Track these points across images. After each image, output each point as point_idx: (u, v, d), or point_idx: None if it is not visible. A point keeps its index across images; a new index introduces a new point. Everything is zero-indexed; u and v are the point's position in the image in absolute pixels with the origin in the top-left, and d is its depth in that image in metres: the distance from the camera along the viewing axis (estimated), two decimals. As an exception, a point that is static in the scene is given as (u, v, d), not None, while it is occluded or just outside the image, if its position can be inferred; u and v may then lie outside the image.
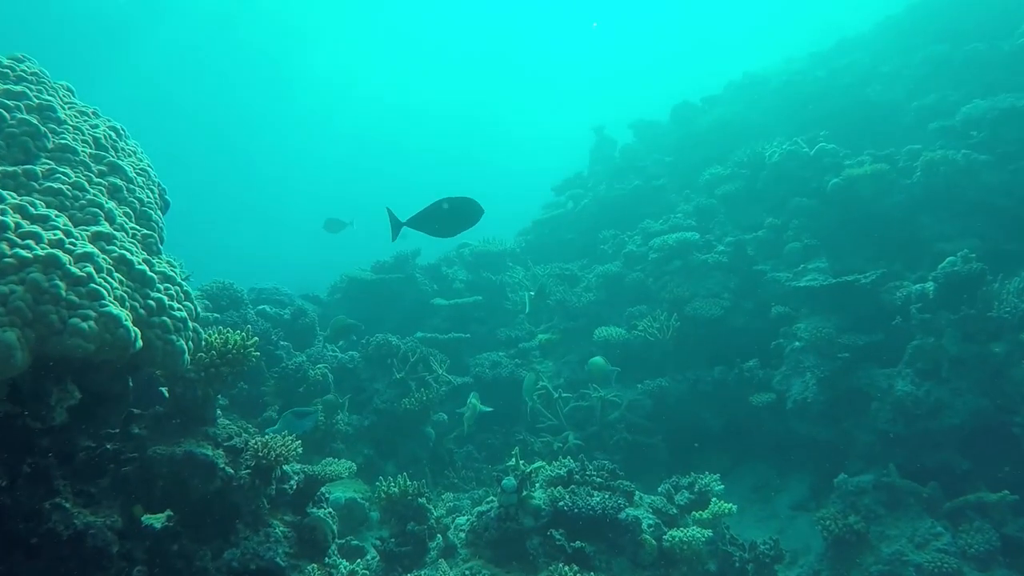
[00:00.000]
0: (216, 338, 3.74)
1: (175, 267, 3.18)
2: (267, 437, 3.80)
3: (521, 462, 5.45)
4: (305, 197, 45.45)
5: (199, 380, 3.64)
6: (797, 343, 7.08)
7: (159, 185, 3.66)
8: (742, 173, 9.50)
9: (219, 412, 3.99)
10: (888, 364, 6.47)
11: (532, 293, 8.68)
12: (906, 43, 11.34)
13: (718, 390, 7.60)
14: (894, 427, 6.17)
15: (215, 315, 6.17)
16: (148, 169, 3.61)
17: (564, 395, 7.71)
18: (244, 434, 3.91)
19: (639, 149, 13.10)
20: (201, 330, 3.19)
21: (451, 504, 6.08)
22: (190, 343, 2.99)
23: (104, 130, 3.51)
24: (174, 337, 2.82)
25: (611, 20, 30.15)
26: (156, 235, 3.25)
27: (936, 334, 6.11)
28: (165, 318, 2.82)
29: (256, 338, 3.90)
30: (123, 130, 3.72)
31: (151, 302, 2.78)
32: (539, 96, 39.11)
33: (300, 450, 3.87)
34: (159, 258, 3.16)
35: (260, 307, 7.39)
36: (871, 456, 6.38)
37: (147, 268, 2.84)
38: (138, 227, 3.15)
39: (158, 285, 2.87)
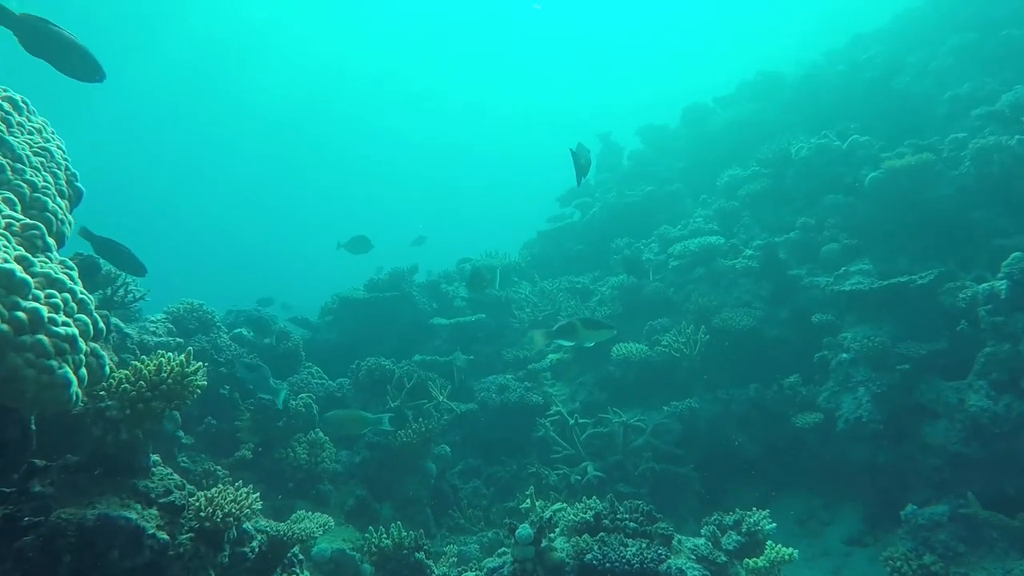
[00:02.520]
0: (148, 365, 2.92)
1: (71, 270, 2.36)
2: (216, 490, 2.96)
3: (538, 503, 4.61)
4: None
5: (124, 419, 2.82)
6: (845, 355, 6.24)
7: (67, 170, 2.86)
8: (766, 172, 8.72)
9: (157, 458, 3.15)
10: (956, 375, 5.63)
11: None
12: (930, 34, 10.68)
13: (755, 410, 6.75)
14: (968, 448, 5.32)
15: (178, 340, 5.34)
16: (53, 150, 2.81)
17: (581, 421, 6.87)
18: (188, 486, 3.08)
19: (648, 154, 12.34)
20: (104, 353, 2.37)
21: (456, 556, 5.20)
22: (84, 371, 2.17)
23: (-9, 100, 2.71)
24: (54, 363, 2.01)
25: (602, 25, 29.44)
26: (47, 228, 2.44)
27: (1012, 339, 5.27)
28: (41, 336, 2.00)
29: (200, 364, 3.06)
30: (25, 103, 2.93)
31: (20, 314, 1.97)
32: (538, 106, 38.39)
33: (259, 504, 3.03)
34: (46, 256, 2.35)
35: (236, 331, 6.57)
36: (939, 482, 5.53)
37: (17, 268, 2.03)
38: (18, 216, 2.34)
39: (35, 291, 2.06)
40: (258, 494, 3.04)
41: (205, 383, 3.10)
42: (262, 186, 44.06)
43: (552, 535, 4.20)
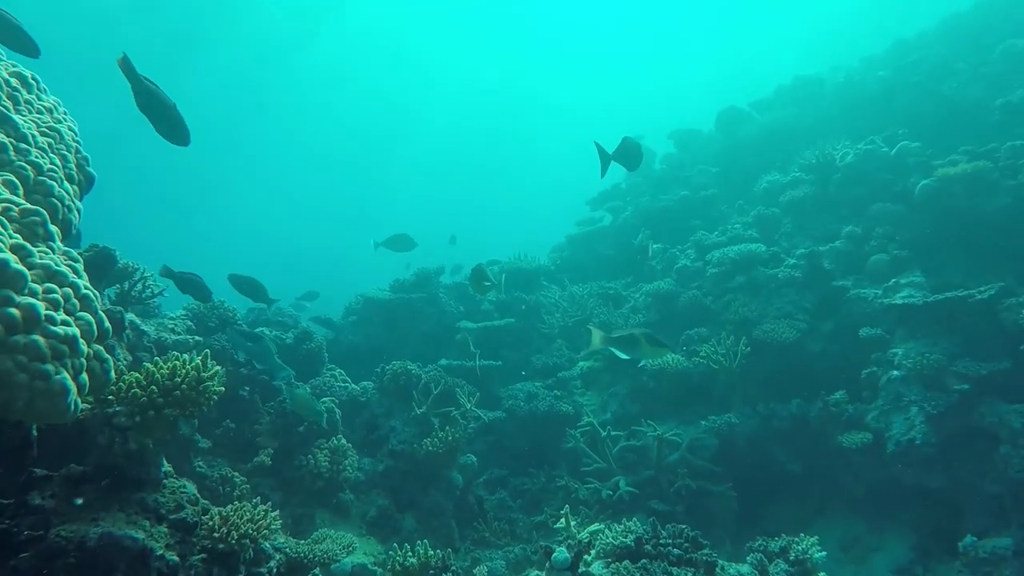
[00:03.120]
0: (161, 368, 2.67)
1: (75, 262, 2.11)
2: (232, 507, 2.70)
3: (574, 523, 4.33)
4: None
5: (133, 427, 2.57)
6: (895, 372, 5.89)
7: (78, 153, 2.61)
8: (809, 178, 8.37)
9: (169, 468, 2.90)
10: (1019, 399, 5.27)
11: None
12: (979, 39, 10.27)
13: (797, 428, 6.41)
14: (1032, 477, 4.97)
15: (196, 339, 5.10)
16: (63, 131, 2.57)
17: (613, 433, 6.56)
18: (202, 501, 2.82)
19: (682, 158, 12.01)
20: (109, 357, 2.12)
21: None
22: (86, 377, 1.92)
23: (2, 75, 2.47)
24: (50, 367, 1.76)
25: (635, 29, 29.02)
26: (51, 215, 2.20)
27: (1083, 361, 4.93)
28: (37, 337, 1.75)
29: (218, 368, 2.81)
30: (36, 80, 2.70)
31: (12, 311, 1.72)
32: (567, 105, 37.92)
33: (278, 523, 2.77)
34: (48, 246, 2.10)
35: (257, 330, 6.33)
36: (999, 512, 5.18)
37: (12, 259, 1.78)
38: (18, 200, 2.09)
39: (32, 285, 1.81)
40: (277, 512, 2.78)
41: (222, 389, 2.85)
42: (316, 184, 43.84)
43: (588, 557, 3.91)
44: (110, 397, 2.60)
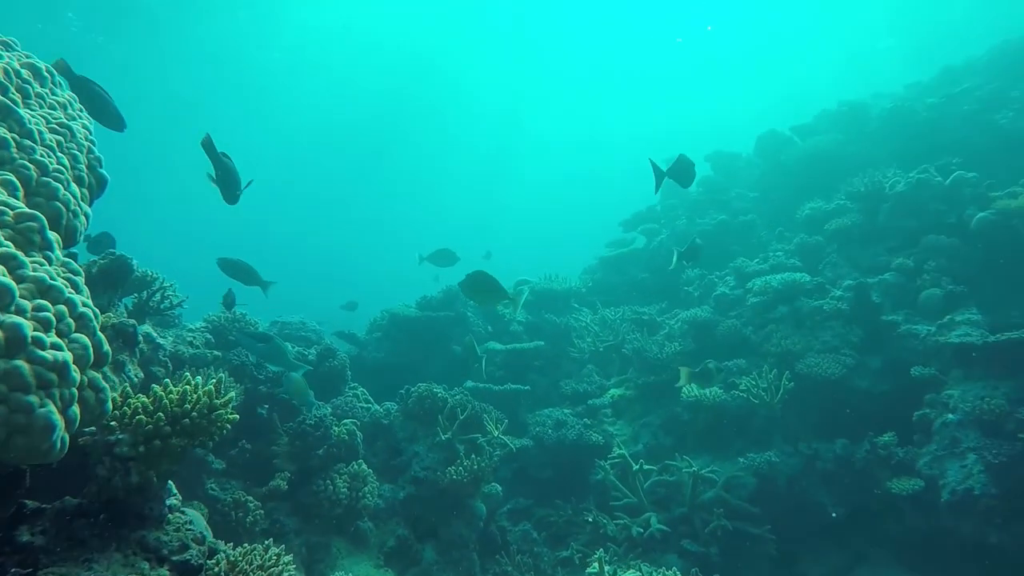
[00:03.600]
0: (170, 393, 2.42)
1: (75, 275, 1.87)
2: (242, 550, 2.45)
3: (607, 568, 4.03)
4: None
5: (136, 457, 2.32)
6: (951, 416, 5.53)
7: (91, 153, 2.39)
8: (855, 207, 8.03)
9: (175, 500, 2.65)
10: (1091, 450, 4.91)
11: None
12: (1034, 67, 9.90)
13: (841, 469, 6.06)
14: (1104, 536, 4.59)
15: (215, 353, 4.88)
16: (75, 129, 2.35)
17: (646, 467, 6.25)
18: (208, 539, 2.57)
19: (719, 182, 11.69)
20: (107, 386, 1.86)
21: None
22: (77, 409, 1.67)
23: (12, 66, 2.25)
24: (34, 399, 1.51)
25: (671, 52, 28.70)
26: (51, 220, 1.98)
27: None
28: (20, 363, 1.51)
29: (232, 393, 2.56)
30: (51, 73, 2.49)
31: (-7, 333, 1.46)
32: (600, 127, 37.56)
33: (291, 568, 2.51)
34: (44, 256, 1.86)
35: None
36: (1066, 573, 4.80)
37: (-2, 271, 1.53)
38: (13, 203, 1.86)
39: (19, 301, 1.57)
40: (290, 557, 2.52)
41: (236, 417, 2.60)
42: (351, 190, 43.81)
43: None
44: (112, 423, 2.35)
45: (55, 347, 1.61)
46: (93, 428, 2.37)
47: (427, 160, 39.79)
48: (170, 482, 2.76)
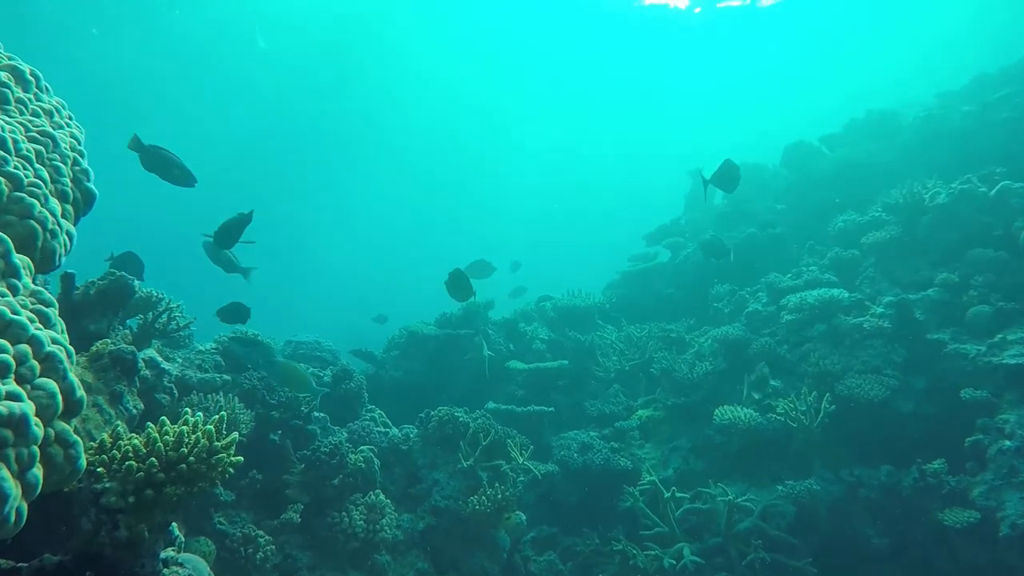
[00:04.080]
0: (166, 434, 2.15)
1: (45, 307, 1.60)
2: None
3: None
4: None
5: (126, 509, 2.04)
6: (1007, 443, 5.17)
7: (76, 165, 2.13)
8: (893, 219, 7.69)
9: (171, 552, 2.36)
10: None
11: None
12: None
13: (887, 498, 5.70)
14: None
15: (224, 377, 4.61)
16: (59, 139, 2.08)
17: (678, 495, 5.92)
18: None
19: (746, 193, 11.35)
20: (79, 439, 1.58)
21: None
22: (38, 471, 1.39)
23: (-13, 68, 1.99)
24: (-19, 464, 1.22)
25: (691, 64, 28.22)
26: (21, 241, 1.71)
27: None
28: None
29: (236, 434, 2.29)
30: (36, 76, 2.23)
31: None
32: (622, 139, 37.13)
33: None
34: (7, 285, 1.59)
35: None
36: None
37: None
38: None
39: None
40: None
41: (240, 460, 2.32)
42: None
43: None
44: (100, 469, 2.08)
45: (12, 397, 1.34)
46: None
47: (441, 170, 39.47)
48: (173, 524, 2.49)
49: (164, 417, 2.32)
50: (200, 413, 2.39)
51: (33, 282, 1.69)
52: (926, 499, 5.49)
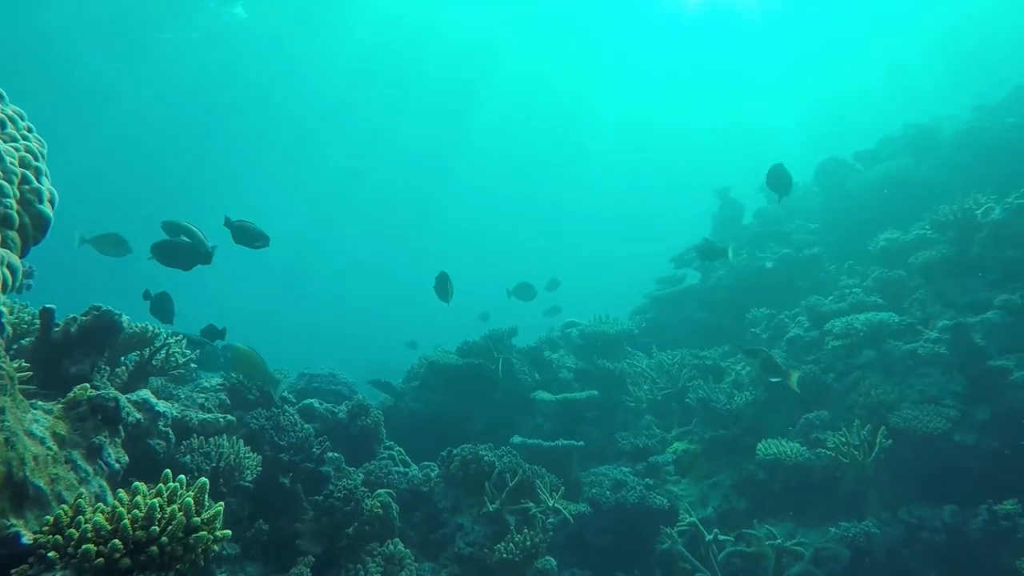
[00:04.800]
0: (138, 505, 1.77)
1: None
2: None
3: None
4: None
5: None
6: (1089, 481, 4.69)
7: (28, 184, 1.77)
8: (942, 237, 7.24)
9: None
10: None
11: None
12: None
13: (952, 542, 5.20)
14: None
15: (229, 418, 4.23)
16: (5, 153, 1.72)
17: (721, 537, 5.46)
18: None
19: (777, 212, 10.94)
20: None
21: None
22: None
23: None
24: None
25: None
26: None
27: None
28: None
29: (220, 506, 1.90)
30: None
31: None
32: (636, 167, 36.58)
33: None
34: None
35: (306, 402, 5.47)
36: None
37: None
38: None
39: None
40: None
41: (228, 533, 1.94)
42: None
43: None
44: (51, 554, 1.70)
45: None
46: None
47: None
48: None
49: (139, 483, 1.95)
50: (183, 476, 2.02)
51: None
52: (999, 544, 5.00)
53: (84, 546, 1.68)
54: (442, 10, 22.10)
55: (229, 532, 1.95)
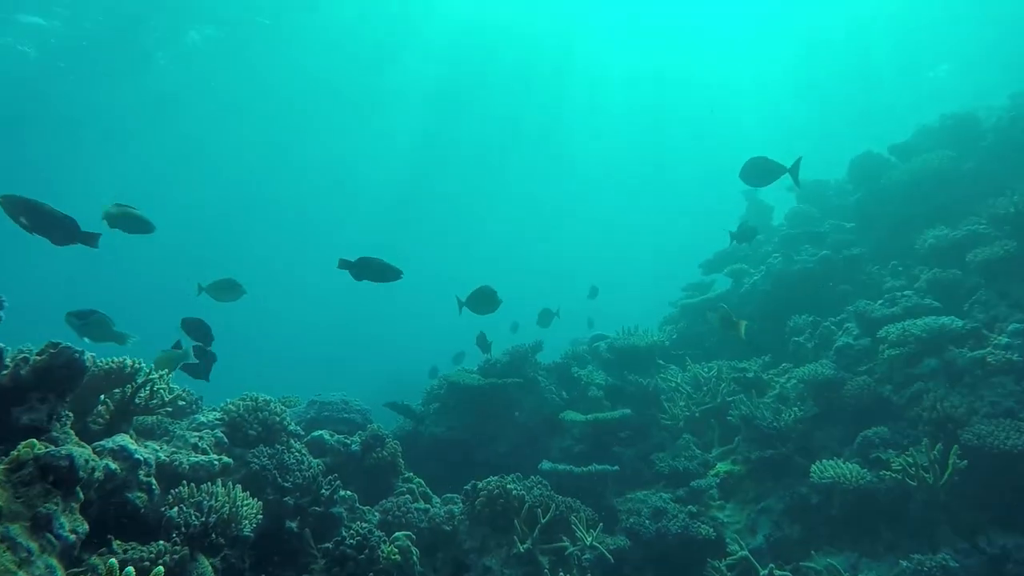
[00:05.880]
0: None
1: None
2: None
3: None
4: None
5: None
6: None
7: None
8: (1001, 232, 6.68)
9: None
10: None
11: None
12: None
13: (1042, 574, 4.64)
14: None
15: (225, 460, 3.74)
16: None
17: (777, 572, 4.92)
18: None
19: (810, 213, 10.39)
20: None
21: None
22: None
23: None
24: None
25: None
26: None
27: None
28: None
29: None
30: None
31: None
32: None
33: None
34: None
35: (315, 434, 4.98)
36: None
37: None
38: None
39: None
40: None
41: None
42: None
43: None
44: None
45: None
46: None
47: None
48: None
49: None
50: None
51: None
52: (1095, 576, 4.43)
53: None
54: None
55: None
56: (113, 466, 2.89)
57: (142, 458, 3.05)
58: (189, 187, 29.24)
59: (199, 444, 3.81)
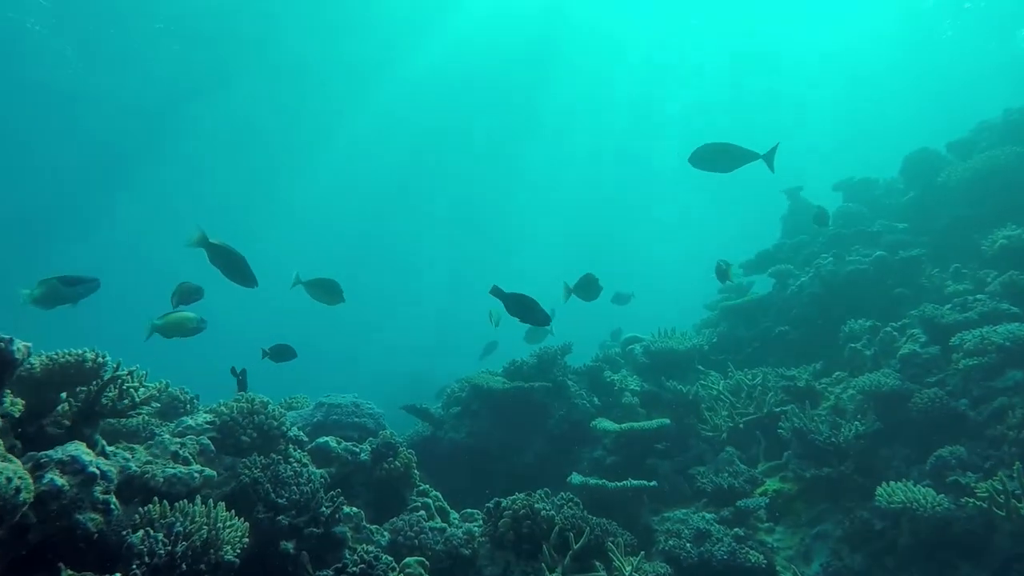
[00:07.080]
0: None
1: None
2: None
3: None
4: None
5: None
6: None
7: None
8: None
9: None
10: None
11: None
12: None
13: None
14: None
15: (207, 472, 3.19)
16: None
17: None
18: None
19: (860, 212, 9.72)
20: None
21: None
22: None
23: None
24: None
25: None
26: None
27: None
28: None
29: None
30: None
31: None
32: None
33: None
34: None
35: (320, 440, 4.43)
36: None
37: None
38: None
39: None
40: None
41: None
42: None
43: None
44: None
45: None
46: None
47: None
48: None
49: None
50: None
51: None
52: None
53: None
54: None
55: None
56: (60, 481, 2.36)
57: (97, 471, 2.51)
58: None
59: (180, 452, 3.27)
